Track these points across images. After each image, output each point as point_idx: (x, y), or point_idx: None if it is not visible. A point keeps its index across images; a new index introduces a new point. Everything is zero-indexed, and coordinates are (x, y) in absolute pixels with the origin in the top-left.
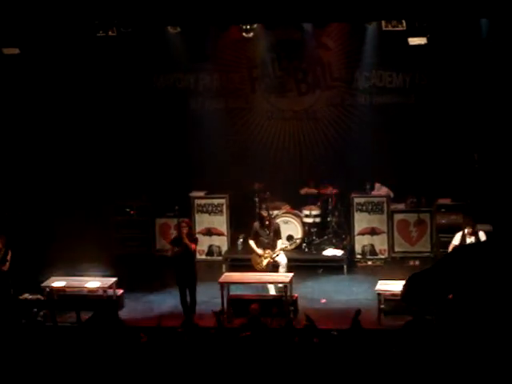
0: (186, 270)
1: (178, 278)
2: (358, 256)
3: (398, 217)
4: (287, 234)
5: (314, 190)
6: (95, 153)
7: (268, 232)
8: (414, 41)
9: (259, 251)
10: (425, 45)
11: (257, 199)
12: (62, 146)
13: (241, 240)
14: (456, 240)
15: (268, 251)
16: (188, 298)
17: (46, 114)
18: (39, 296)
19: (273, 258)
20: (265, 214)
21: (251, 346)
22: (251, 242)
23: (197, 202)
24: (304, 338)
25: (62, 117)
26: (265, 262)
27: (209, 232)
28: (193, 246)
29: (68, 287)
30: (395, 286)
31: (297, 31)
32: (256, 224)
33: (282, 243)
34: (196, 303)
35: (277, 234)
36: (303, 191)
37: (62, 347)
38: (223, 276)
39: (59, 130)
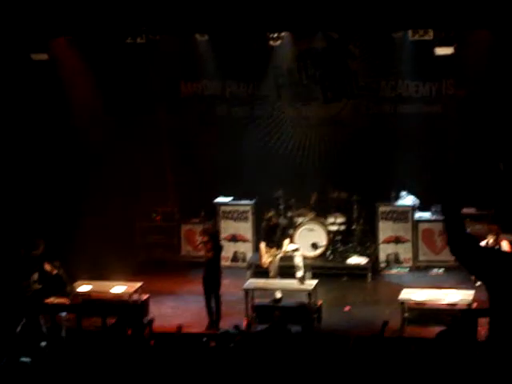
0: (210, 275)
1: (204, 283)
2: (383, 264)
3: (422, 226)
4: (311, 242)
5: (343, 195)
6: (122, 158)
7: (275, 232)
8: (440, 50)
9: (264, 250)
10: (451, 54)
11: (282, 206)
12: (90, 150)
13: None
14: None
15: (273, 250)
16: (213, 304)
17: (75, 120)
18: (65, 300)
19: (275, 257)
20: (271, 214)
21: (274, 351)
22: (262, 246)
23: (222, 208)
24: (327, 344)
25: (90, 122)
26: (268, 260)
27: (234, 238)
28: (208, 254)
29: (93, 292)
30: (419, 294)
31: (323, 40)
32: (263, 224)
33: (288, 243)
34: (221, 308)
35: (283, 233)
36: (334, 194)
37: (86, 352)
38: (247, 282)
39: (87, 134)
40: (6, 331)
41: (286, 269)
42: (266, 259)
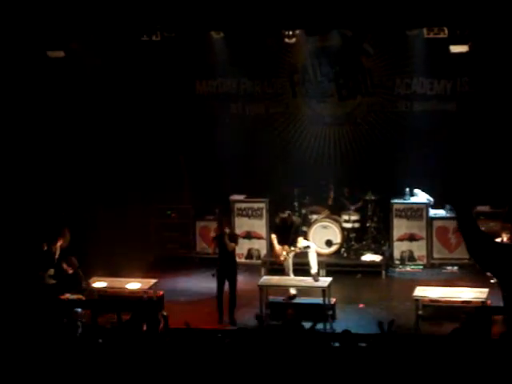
0: (222, 270)
1: (218, 273)
2: (397, 262)
3: (437, 223)
4: (326, 239)
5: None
6: (138, 155)
7: (289, 230)
8: (455, 48)
9: (277, 246)
10: (466, 52)
11: (296, 204)
12: (106, 147)
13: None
14: None
15: (285, 247)
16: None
17: (91, 117)
18: (80, 296)
19: (288, 255)
20: (284, 215)
21: (287, 348)
22: (273, 236)
23: (237, 205)
24: (341, 343)
25: (106, 119)
26: (282, 257)
27: (248, 235)
28: (232, 245)
29: (109, 288)
30: (433, 292)
31: (338, 37)
32: (278, 220)
33: (302, 240)
34: (236, 298)
35: (297, 232)
36: (346, 192)
37: (102, 348)
38: (262, 279)
39: (103, 131)
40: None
41: (301, 266)
42: (280, 251)
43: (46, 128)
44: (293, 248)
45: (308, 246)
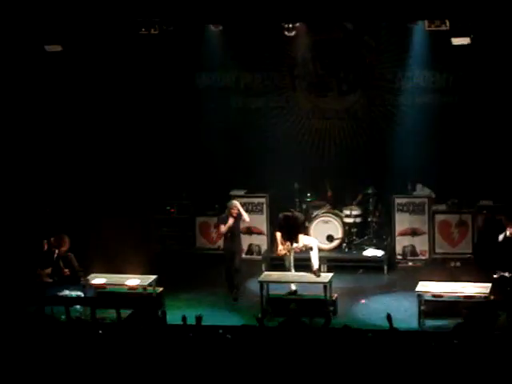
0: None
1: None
2: (399, 257)
3: (439, 218)
4: (327, 234)
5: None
6: (137, 150)
7: (292, 226)
8: (457, 41)
9: (280, 242)
10: (468, 45)
11: (297, 199)
12: (104, 142)
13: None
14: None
15: (287, 244)
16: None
17: (88, 112)
18: (79, 293)
19: (290, 252)
20: (288, 213)
21: (290, 344)
22: (278, 234)
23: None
24: (343, 339)
25: (104, 114)
26: (282, 252)
27: (249, 231)
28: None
29: (108, 284)
30: (436, 287)
31: (339, 30)
32: (281, 216)
33: (302, 237)
34: (239, 273)
35: (299, 229)
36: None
37: (101, 344)
38: (263, 275)
39: (101, 126)
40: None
41: (302, 261)
42: (280, 249)
43: (44, 123)
44: (295, 245)
45: (310, 246)
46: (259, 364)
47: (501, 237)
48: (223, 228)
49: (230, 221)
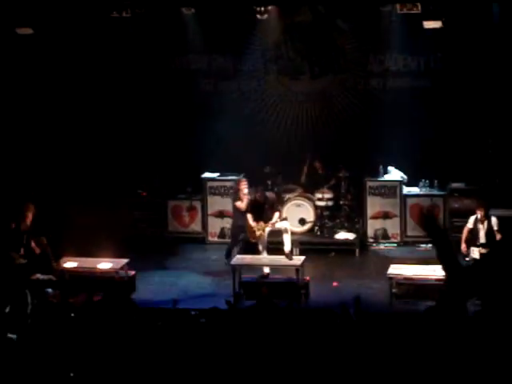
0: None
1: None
2: (371, 240)
3: (410, 201)
4: (299, 217)
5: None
6: (108, 133)
7: (263, 208)
8: (429, 24)
9: (252, 224)
10: (440, 28)
11: (269, 182)
12: (74, 126)
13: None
14: (470, 223)
15: (261, 223)
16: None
17: (59, 95)
18: (51, 276)
19: (264, 231)
20: (257, 193)
21: (262, 327)
22: (248, 216)
23: (209, 184)
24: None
25: (74, 98)
26: (257, 233)
27: (221, 214)
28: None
29: (80, 268)
30: (407, 270)
31: (311, 13)
32: (251, 197)
33: (278, 216)
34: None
35: (272, 207)
36: (321, 170)
37: (73, 328)
38: (235, 259)
39: (71, 110)
40: None
41: (274, 244)
42: (257, 235)
43: (15, 107)
44: (272, 222)
45: (284, 224)
46: (230, 347)
47: (471, 219)
48: (242, 204)
49: (245, 197)
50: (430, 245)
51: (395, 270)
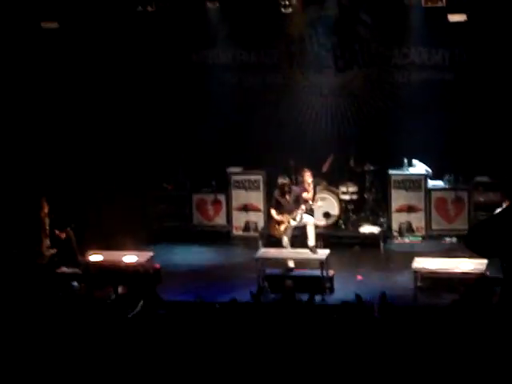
0: None
1: None
2: (395, 233)
3: (435, 194)
4: (324, 211)
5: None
6: (133, 128)
7: (287, 199)
8: (453, 17)
9: (278, 218)
10: (465, 21)
11: (293, 176)
12: (100, 120)
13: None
14: None
15: (286, 216)
16: None
17: (85, 90)
18: (76, 270)
19: (289, 223)
20: (284, 181)
21: (286, 321)
22: (272, 211)
23: (234, 178)
24: (340, 315)
25: (100, 92)
26: (282, 227)
27: (245, 208)
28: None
29: (105, 261)
30: (432, 263)
31: (335, 7)
32: (276, 192)
33: (313, 199)
34: None
35: (297, 201)
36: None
37: (98, 321)
38: (260, 252)
39: (98, 105)
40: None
41: (298, 238)
42: (282, 229)
43: (41, 102)
44: (292, 216)
45: (309, 218)
46: (253, 340)
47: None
48: (309, 195)
49: (310, 187)
50: (454, 238)
51: (420, 263)
